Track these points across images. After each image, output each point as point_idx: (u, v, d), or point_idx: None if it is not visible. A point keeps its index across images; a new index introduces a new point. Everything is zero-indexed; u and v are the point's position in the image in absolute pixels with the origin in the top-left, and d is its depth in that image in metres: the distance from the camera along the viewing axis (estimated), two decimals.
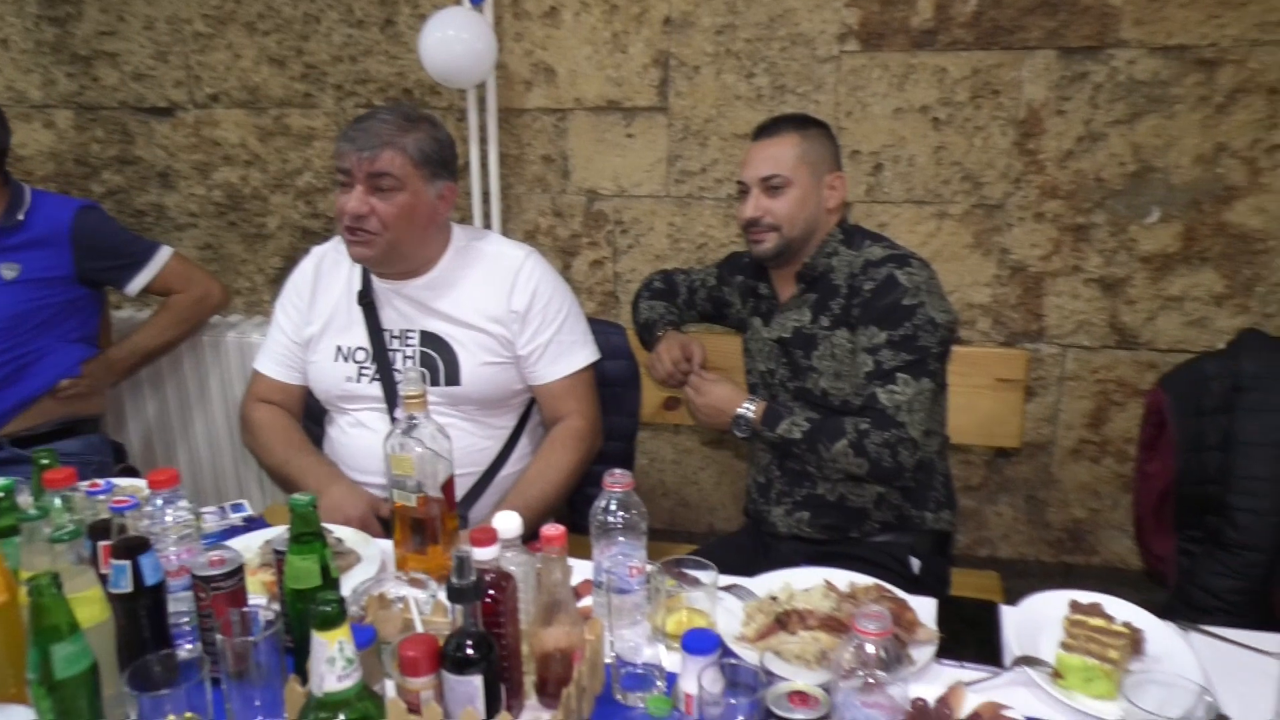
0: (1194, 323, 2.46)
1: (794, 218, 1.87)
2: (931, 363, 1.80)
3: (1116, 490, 2.62)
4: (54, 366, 2.36)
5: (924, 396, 1.77)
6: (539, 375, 1.93)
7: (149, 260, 2.43)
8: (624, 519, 1.32)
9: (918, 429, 1.76)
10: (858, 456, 1.77)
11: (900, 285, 1.79)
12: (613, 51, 2.63)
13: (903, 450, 1.76)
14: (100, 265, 2.38)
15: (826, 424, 1.81)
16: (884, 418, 1.76)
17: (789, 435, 1.84)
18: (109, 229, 2.42)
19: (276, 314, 2.01)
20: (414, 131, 1.79)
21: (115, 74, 3.01)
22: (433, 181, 1.82)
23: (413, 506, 1.53)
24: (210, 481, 3.12)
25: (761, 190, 1.88)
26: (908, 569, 1.90)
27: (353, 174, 1.76)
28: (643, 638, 1.32)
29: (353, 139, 1.76)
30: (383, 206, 1.77)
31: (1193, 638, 1.37)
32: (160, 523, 1.34)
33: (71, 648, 1.09)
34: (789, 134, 1.89)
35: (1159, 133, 2.37)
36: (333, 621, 0.93)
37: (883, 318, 1.79)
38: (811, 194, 1.88)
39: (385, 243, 1.79)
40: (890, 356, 1.78)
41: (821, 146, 1.91)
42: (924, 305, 1.78)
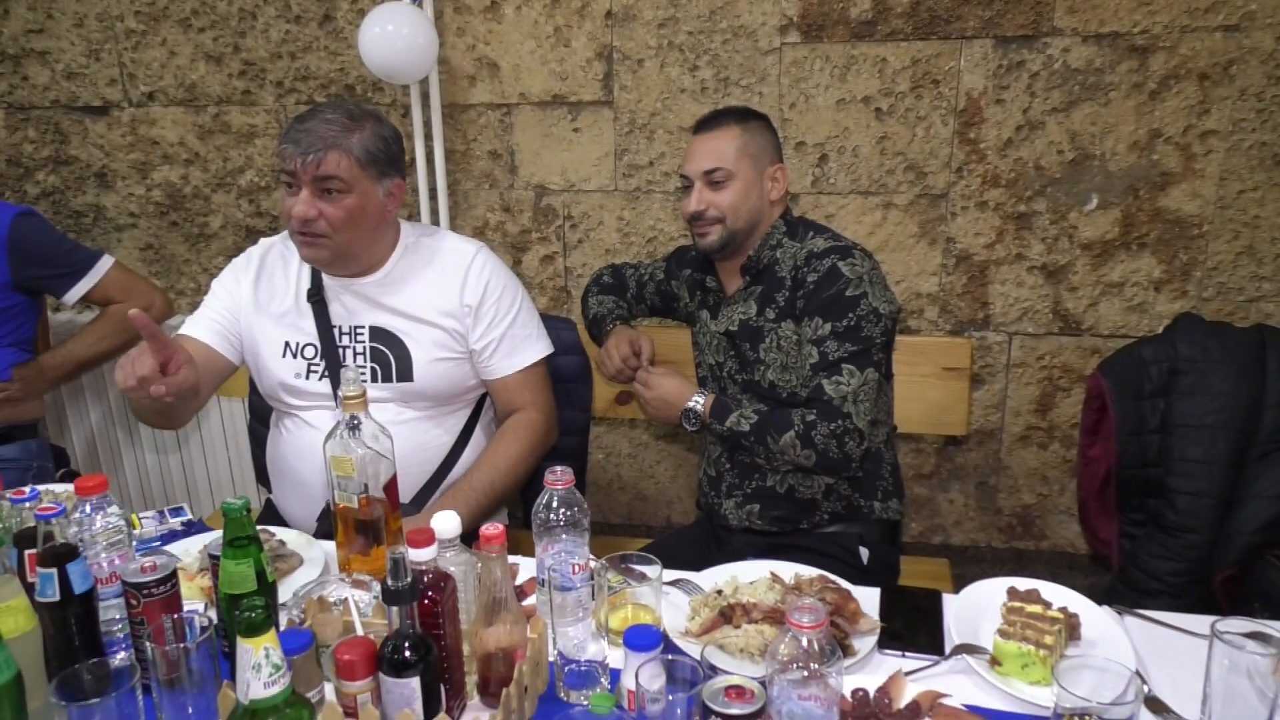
0: (1134, 308, 2.50)
1: (737, 209, 1.88)
2: (876, 353, 1.81)
3: (1064, 475, 2.66)
4: None
5: (869, 387, 1.79)
6: (493, 370, 1.92)
7: (89, 269, 2.35)
8: (566, 516, 1.31)
9: (863, 419, 1.78)
10: (805, 448, 1.78)
11: (843, 276, 1.80)
12: (556, 45, 2.61)
13: (849, 441, 1.77)
14: (37, 274, 2.31)
15: (774, 416, 1.82)
16: (830, 409, 1.77)
17: (737, 428, 1.84)
18: (47, 236, 2.34)
19: (213, 286, 1.96)
20: (358, 131, 1.74)
21: (46, 72, 2.93)
22: (380, 181, 1.79)
23: (355, 508, 1.51)
24: (158, 486, 3.06)
25: (704, 184, 1.88)
26: (858, 559, 1.91)
27: (298, 177, 1.72)
28: (587, 635, 1.31)
29: (296, 140, 1.71)
30: (330, 210, 1.73)
31: (1128, 621, 1.39)
32: (89, 529, 1.31)
33: None
34: (729, 127, 1.89)
35: (1095, 120, 2.40)
36: (258, 628, 0.91)
37: (826, 309, 1.80)
38: (754, 186, 1.89)
39: (335, 245, 1.76)
40: (835, 347, 1.79)
41: (762, 138, 1.91)
42: (867, 296, 1.79)
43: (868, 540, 1.94)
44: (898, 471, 2.02)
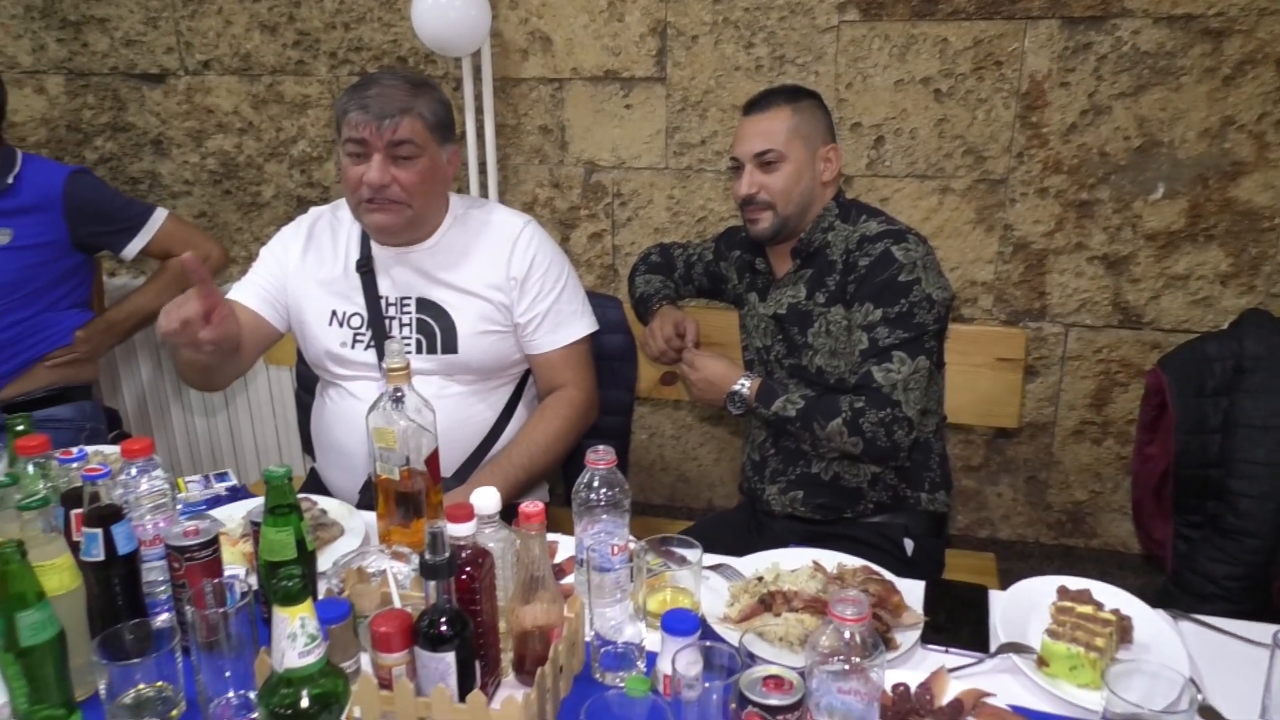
0: (1199, 302, 2.42)
1: (789, 193, 1.84)
2: (928, 340, 1.77)
3: (1118, 472, 2.59)
4: (46, 335, 2.34)
5: (920, 375, 1.74)
6: (536, 344, 1.91)
7: (144, 223, 2.38)
8: (607, 496, 1.30)
9: (913, 408, 1.73)
10: (852, 435, 1.74)
11: (896, 261, 1.76)
12: (610, 20, 2.58)
13: (898, 429, 1.73)
14: (95, 230, 2.35)
15: (821, 402, 1.79)
16: (879, 396, 1.73)
17: (783, 413, 1.81)
18: (102, 193, 2.37)
19: (262, 253, 1.97)
20: (423, 95, 1.76)
21: (105, 40, 2.97)
22: (444, 145, 1.81)
23: (396, 480, 1.51)
24: (205, 451, 3.11)
25: (755, 166, 1.84)
26: (902, 550, 1.88)
27: (369, 144, 1.72)
28: (625, 616, 1.30)
29: (365, 106, 1.71)
30: (404, 175, 1.74)
31: (1183, 626, 1.34)
32: (134, 492, 1.32)
33: (37, 615, 1.09)
34: (780, 107, 1.85)
35: (1165, 106, 2.31)
36: (294, 597, 0.91)
37: (878, 294, 1.76)
38: (806, 168, 1.85)
39: (407, 210, 1.77)
40: (886, 334, 1.75)
41: (814, 119, 1.87)
42: (920, 281, 1.75)
43: (912, 532, 1.90)
44: (946, 463, 1.98)
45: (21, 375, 2.31)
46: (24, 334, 2.29)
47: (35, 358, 2.33)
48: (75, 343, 2.37)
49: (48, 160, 2.42)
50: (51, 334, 2.35)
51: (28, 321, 2.30)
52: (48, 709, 1.11)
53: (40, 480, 1.36)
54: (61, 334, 2.36)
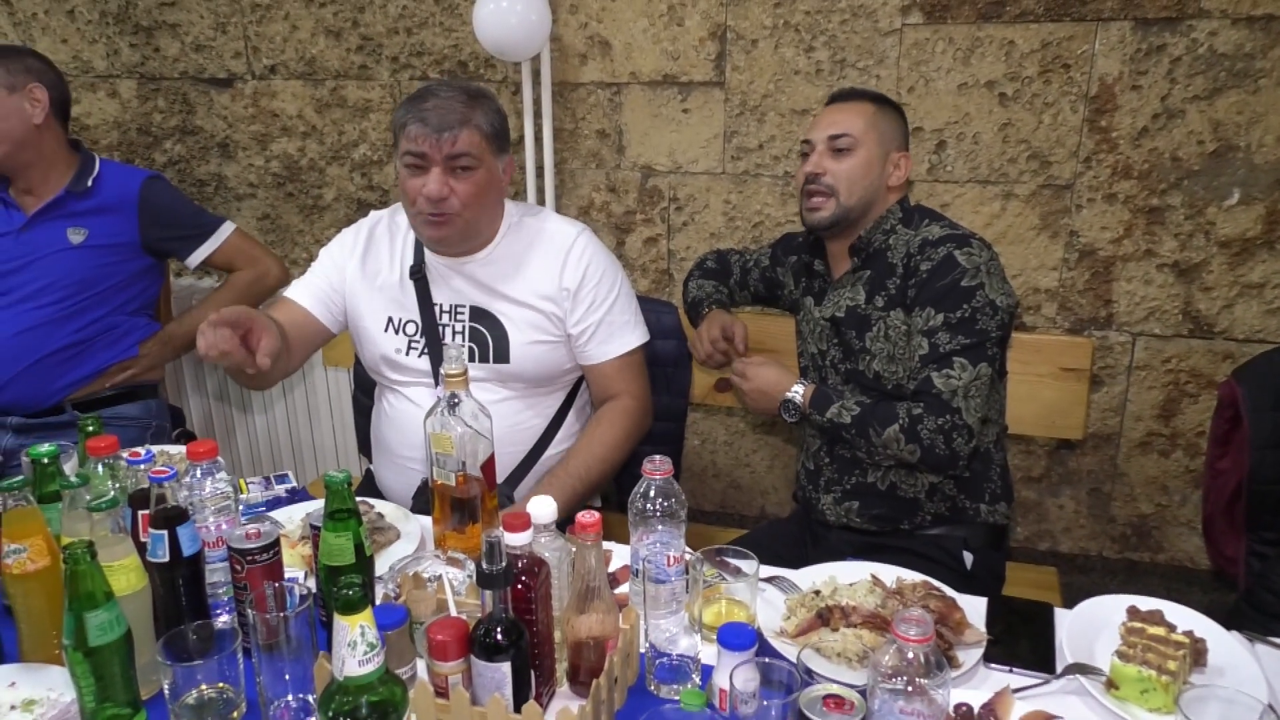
0: (1274, 311, 2.34)
1: (853, 183, 1.81)
2: (990, 347, 1.73)
3: (1186, 485, 2.51)
4: (116, 337, 2.38)
5: (981, 382, 1.71)
6: (589, 355, 1.91)
7: (212, 233, 2.44)
8: (663, 507, 1.29)
9: (974, 415, 1.70)
10: (910, 442, 1.71)
11: (959, 266, 1.72)
12: (669, 24, 2.57)
13: (957, 437, 1.69)
14: (165, 235, 2.40)
15: (878, 408, 1.76)
16: (938, 403, 1.69)
17: (838, 419, 1.78)
18: (175, 199, 2.44)
19: (321, 254, 1.99)
20: (480, 107, 1.76)
21: (176, 44, 3.03)
22: (500, 156, 1.81)
23: (452, 486, 1.52)
24: (265, 450, 3.16)
25: (826, 149, 1.83)
26: (961, 564, 1.84)
27: (428, 156, 1.72)
28: (679, 628, 1.29)
29: (424, 119, 1.71)
30: (462, 187, 1.75)
31: (1259, 650, 1.30)
32: (199, 494, 1.34)
33: (105, 615, 1.11)
34: (864, 102, 1.85)
35: (1241, 109, 2.24)
36: (354, 606, 0.91)
37: (940, 299, 1.73)
38: (876, 164, 1.83)
39: (464, 222, 1.78)
40: (947, 339, 1.71)
41: (893, 123, 1.86)
42: (984, 287, 1.71)
43: (971, 544, 1.86)
44: (1007, 474, 1.93)
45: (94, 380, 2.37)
46: (96, 334, 2.34)
47: (106, 364, 2.37)
48: (139, 356, 2.41)
49: (124, 165, 2.48)
50: (121, 337, 2.40)
51: (100, 322, 2.35)
52: (114, 707, 1.14)
53: (109, 480, 1.39)
54: (130, 339, 2.41)
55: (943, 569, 1.78)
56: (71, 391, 2.34)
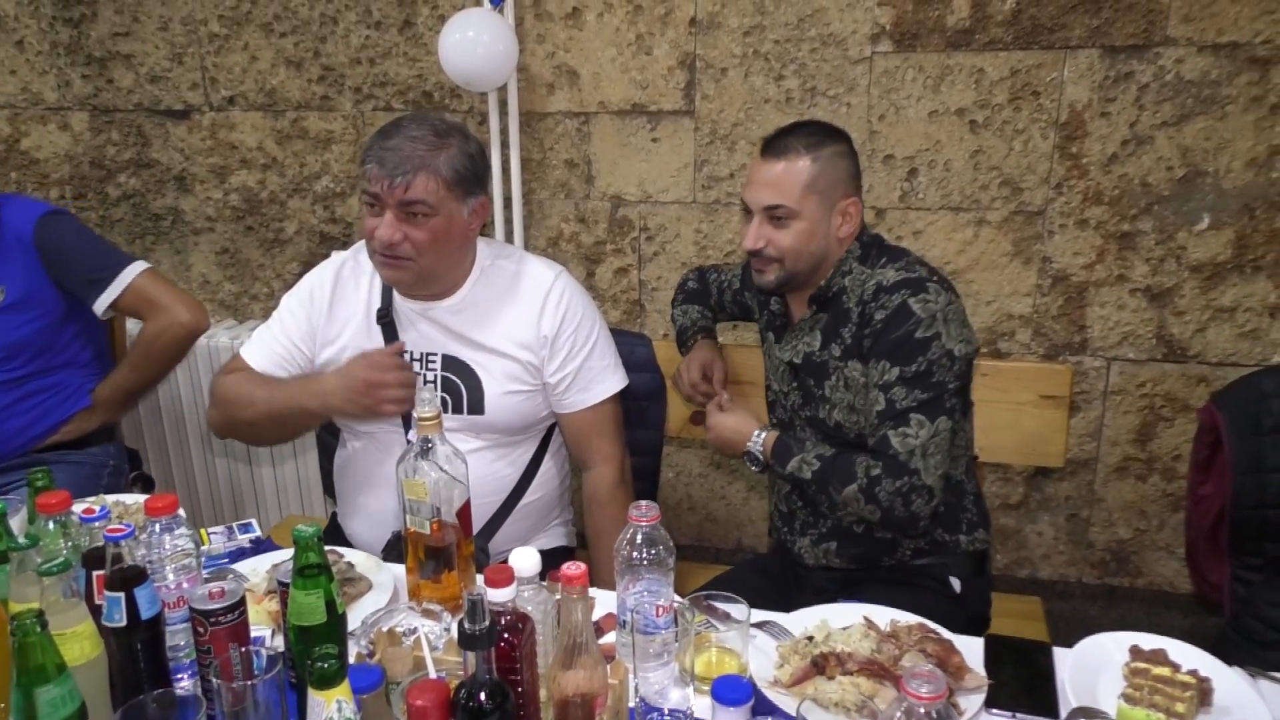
0: (1246, 334, 2.35)
1: (799, 251, 1.71)
2: (948, 399, 1.65)
3: (1164, 509, 2.51)
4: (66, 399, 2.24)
5: (940, 438, 1.63)
6: (566, 404, 1.84)
7: (114, 277, 2.15)
8: (651, 555, 1.24)
9: (933, 474, 1.62)
10: (869, 503, 1.64)
11: (913, 315, 1.63)
12: (637, 54, 2.55)
13: (916, 499, 1.62)
14: (66, 279, 2.15)
15: (838, 464, 1.68)
16: (896, 464, 1.62)
17: (799, 474, 1.72)
18: (74, 238, 2.16)
19: (282, 310, 1.88)
20: (445, 150, 1.65)
21: (131, 76, 2.96)
22: (465, 200, 1.70)
23: (426, 534, 1.46)
24: (226, 491, 3.06)
25: (765, 219, 1.72)
26: (949, 588, 1.78)
27: (382, 199, 1.64)
28: (670, 680, 1.24)
29: (381, 160, 1.62)
30: (416, 233, 1.65)
31: (1263, 685, 1.27)
32: (158, 551, 1.27)
33: (57, 690, 1.03)
34: (799, 157, 1.69)
35: (1209, 135, 2.25)
36: (330, 679, 0.85)
37: (894, 351, 1.64)
38: (820, 225, 1.71)
39: (418, 268, 1.69)
40: (903, 395, 1.63)
41: (834, 169, 1.71)
42: (940, 336, 1.62)
43: (956, 572, 1.82)
44: (981, 500, 1.88)
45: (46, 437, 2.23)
46: (44, 395, 2.20)
47: (59, 421, 2.23)
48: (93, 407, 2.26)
49: (24, 198, 2.26)
50: (72, 393, 2.25)
51: (42, 378, 2.19)
52: None
53: (60, 538, 1.31)
54: (84, 390, 2.26)
55: (932, 595, 1.74)
56: (24, 450, 2.19)
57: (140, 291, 2.17)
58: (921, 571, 1.81)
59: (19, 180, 3.15)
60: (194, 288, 3.14)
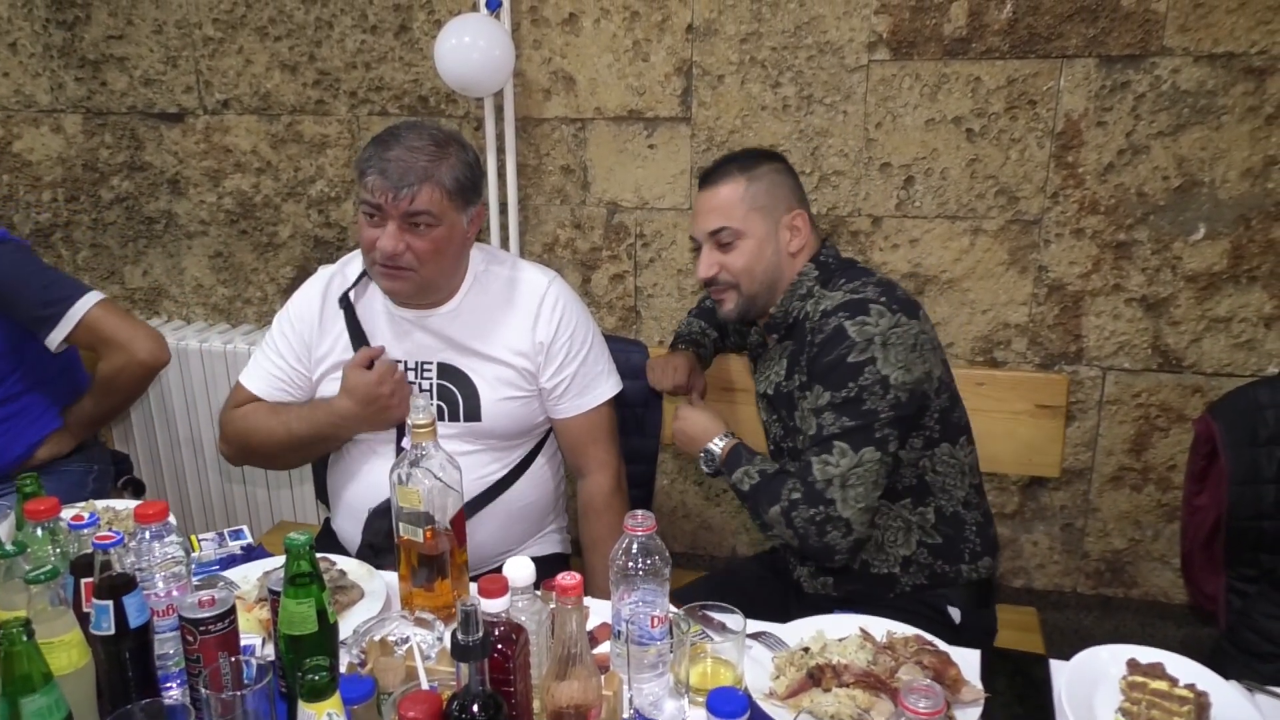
0: (1242, 345, 2.35)
1: (751, 271, 1.71)
2: (880, 429, 1.58)
3: (1159, 520, 2.50)
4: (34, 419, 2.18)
5: (864, 469, 1.57)
6: (561, 410, 1.84)
7: (64, 313, 2.01)
8: (646, 565, 1.23)
9: (852, 507, 1.56)
10: (787, 528, 1.60)
11: (847, 339, 1.58)
12: (634, 60, 2.54)
13: (831, 530, 1.57)
14: (15, 313, 2.04)
15: (771, 483, 1.64)
16: (813, 492, 1.57)
17: (740, 485, 1.69)
18: (19, 269, 2.03)
19: (274, 334, 1.88)
20: (446, 159, 1.65)
21: (124, 78, 2.94)
22: (465, 209, 1.71)
23: (420, 541, 1.44)
24: (218, 496, 3.04)
25: (713, 245, 1.72)
26: (947, 618, 1.75)
27: (385, 210, 1.63)
28: (664, 690, 1.23)
29: (384, 171, 1.61)
30: (418, 244, 1.65)
31: (1260, 700, 1.26)
32: (147, 559, 1.26)
33: (43, 700, 1.02)
34: (734, 179, 1.70)
35: (1205, 145, 2.25)
36: (321, 692, 0.84)
37: (826, 375, 1.60)
38: (768, 241, 1.70)
39: (420, 278, 1.69)
40: (831, 421, 1.59)
41: (771, 185, 1.71)
42: (874, 361, 1.57)
43: (956, 601, 1.76)
44: (988, 527, 1.81)
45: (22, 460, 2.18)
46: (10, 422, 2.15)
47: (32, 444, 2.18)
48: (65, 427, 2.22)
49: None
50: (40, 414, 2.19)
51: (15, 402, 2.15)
52: None
53: (49, 545, 1.29)
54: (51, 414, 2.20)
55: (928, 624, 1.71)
56: None
57: (93, 327, 2.04)
58: (919, 600, 1.77)
59: (11, 183, 3.13)
60: (187, 291, 3.12)
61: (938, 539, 1.74)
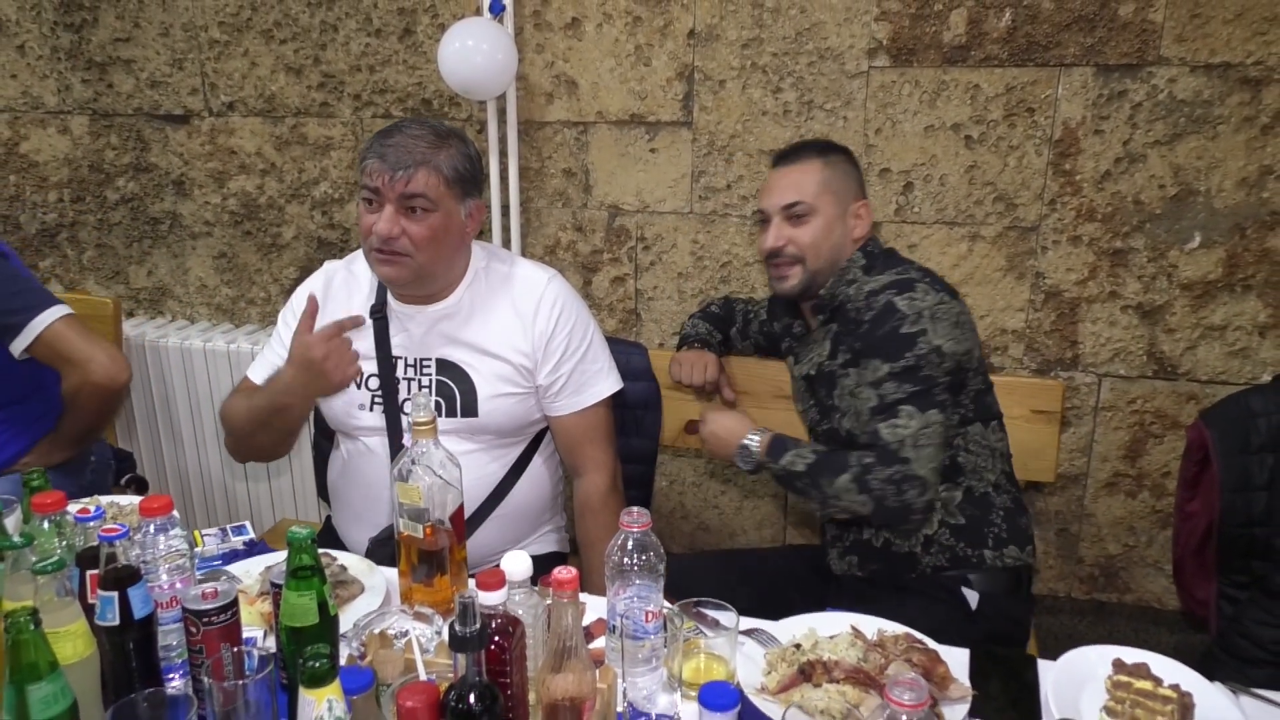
0: (1236, 353, 2.37)
1: (818, 247, 1.79)
2: (939, 393, 1.68)
3: (1153, 526, 2.52)
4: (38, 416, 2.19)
5: (931, 430, 1.65)
6: (558, 407, 1.86)
7: (27, 323, 1.98)
8: (641, 561, 1.25)
9: (925, 465, 1.64)
10: (861, 493, 1.65)
11: (898, 312, 1.68)
12: (636, 64, 2.57)
13: (909, 488, 1.63)
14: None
15: (832, 458, 1.70)
16: (887, 453, 1.64)
17: (792, 468, 1.73)
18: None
19: (280, 327, 1.92)
20: (446, 149, 1.69)
21: (131, 80, 2.97)
22: (464, 201, 1.74)
23: (420, 537, 1.47)
24: (220, 494, 3.07)
25: (783, 219, 1.79)
26: (962, 601, 1.76)
27: (382, 194, 1.67)
28: (658, 685, 1.25)
29: (383, 155, 1.66)
30: (414, 228, 1.68)
31: (1244, 702, 1.28)
32: (152, 552, 1.28)
33: (49, 688, 1.04)
34: (811, 160, 1.81)
35: (1201, 154, 2.28)
36: (321, 679, 0.86)
37: (882, 348, 1.69)
38: (836, 223, 1.80)
39: (416, 264, 1.71)
40: (893, 389, 1.67)
41: (845, 174, 1.82)
42: (926, 333, 1.66)
43: (981, 588, 1.78)
44: (1017, 515, 1.85)
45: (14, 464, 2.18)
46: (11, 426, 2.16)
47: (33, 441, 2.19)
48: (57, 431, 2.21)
49: None
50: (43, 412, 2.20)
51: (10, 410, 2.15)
52: None
53: (55, 537, 1.32)
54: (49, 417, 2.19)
55: (941, 605, 1.73)
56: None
57: (52, 343, 2.01)
58: (933, 582, 1.80)
59: (18, 183, 3.16)
60: (191, 292, 3.15)
61: (961, 520, 1.78)
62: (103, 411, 2.17)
